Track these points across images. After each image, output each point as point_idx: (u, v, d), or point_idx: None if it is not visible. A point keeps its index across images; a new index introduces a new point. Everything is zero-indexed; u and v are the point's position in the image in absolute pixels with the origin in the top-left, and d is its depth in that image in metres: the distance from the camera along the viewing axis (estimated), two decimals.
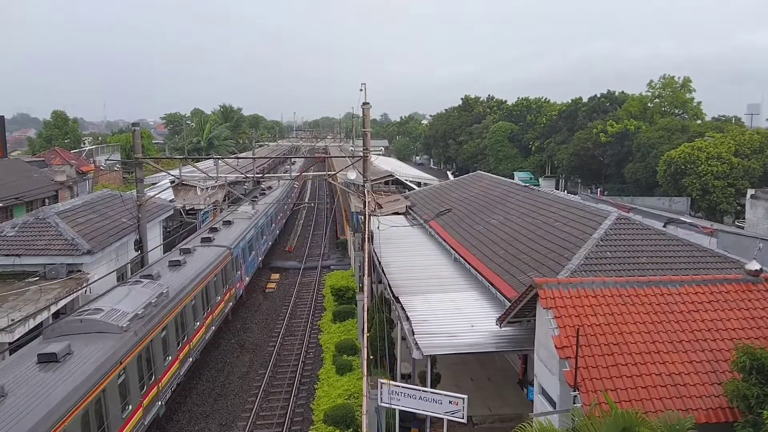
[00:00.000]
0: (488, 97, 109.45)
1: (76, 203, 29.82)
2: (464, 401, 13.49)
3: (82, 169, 57.40)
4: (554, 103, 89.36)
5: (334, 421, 18.15)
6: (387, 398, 14.03)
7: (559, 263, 17.64)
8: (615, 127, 64.49)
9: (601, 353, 11.87)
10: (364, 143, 24.89)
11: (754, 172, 48.35)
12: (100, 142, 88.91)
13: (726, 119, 72.99)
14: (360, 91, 24.05)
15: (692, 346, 12.22)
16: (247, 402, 21.29)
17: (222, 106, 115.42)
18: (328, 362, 23.51)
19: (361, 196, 27.18)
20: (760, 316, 13.01)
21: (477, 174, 39.32)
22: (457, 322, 17.39)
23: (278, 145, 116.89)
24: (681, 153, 49.58)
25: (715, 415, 11.00)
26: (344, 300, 29.99)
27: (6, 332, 17.76)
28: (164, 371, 18.42)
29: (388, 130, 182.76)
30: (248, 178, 39.24)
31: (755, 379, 10.36)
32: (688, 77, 69.09)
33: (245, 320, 29.51)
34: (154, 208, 31.66)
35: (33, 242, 24.29)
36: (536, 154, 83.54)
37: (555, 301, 12.79)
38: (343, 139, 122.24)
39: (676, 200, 49.66)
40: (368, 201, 23.36)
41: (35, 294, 21.30)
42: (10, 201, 38.48)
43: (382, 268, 22.87)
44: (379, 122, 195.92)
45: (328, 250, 45.35)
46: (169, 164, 55.95)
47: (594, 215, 20.25)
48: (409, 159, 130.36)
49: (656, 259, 17.39)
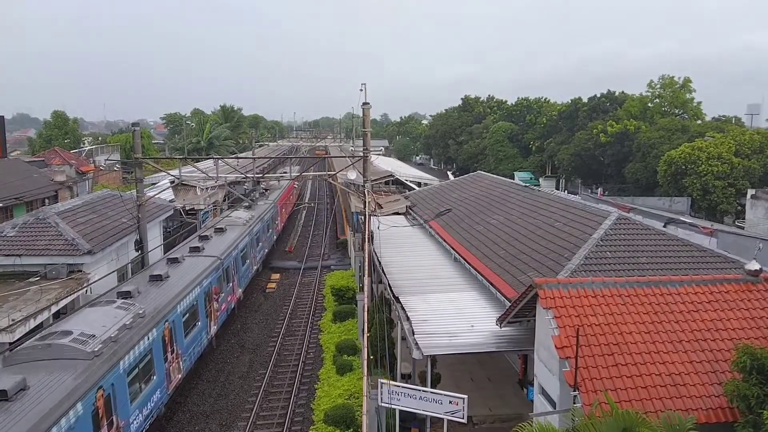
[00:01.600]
0: (488, 97, 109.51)
1: (76, 203, 29.82)
2: (464, 401, 13.51)
3: (81, 169, 57.40)
4: (554, 103, 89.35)
5: (334, 421, 18.16)
6: (387, 398, 14.05)
7: (559, 263, 17.64)
8: (615, 127, 64.51)
9: (601, 353, 11.87)
10: (364, 143, 24.90)
11: (755, 173, 48.37)
12: (100, 142, 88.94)
13: (726, 119, 73.02)
14: (360, 91, 24.10)
15: (692, 346, 12.23)
16: (248, 402, 21.30)
17: (222, 106, 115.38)
18: (328, 362, 23.53)
19: (361, 196, 27.18)
20: (760, 316, 13.01)
21: (477, 174, 39.31)
22: (457, 322, 17.39)
23: (278, 145, 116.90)
24: (681, 153, 49.61)
25: (716, 415, 11.00)
26: (344, 300, 30.00)
27: (7, 332, 17.77)
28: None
29: (388, 130, 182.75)
30: (248, 178, 39.22)
31: (755, 379, 10.37)
32: (688, 77, 69.19)
33: (245, 320, 29.50)
34: (154, 208, 31.67)
35: (33, 242, 24.30)
36: (536, 155, 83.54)
37: (555, 301, 12.79)
38: (343, 140, 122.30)
39: (677, 200, 49.70)
40: (368, 201, 23.36)
41: (36, 294, 21.30)
42: (10, 201, 38.48)
43: (383, 268, 22.87)
44: (379, 122, 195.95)
45: (328, 250, 45.35)
46: (169, 164, 55.96)
47: (594, 215, 20.25)
48: (409, 159, 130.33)
49: (656, 259, 17.40)
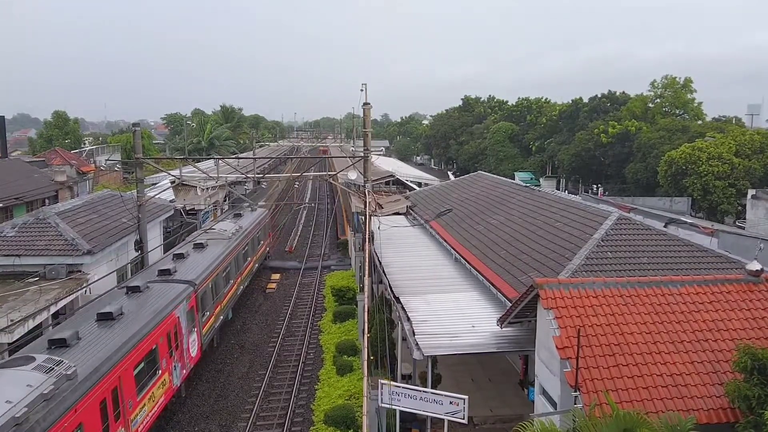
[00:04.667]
0: (489, 97, 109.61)
1: (76, 203, 29.81)
2: (465, 402, 13.48)
3: (82, 169, 57.43)
4: (554, 103, 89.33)
5: (334, 421, 18.12)
6: (387, 399, 14.02)
7: (560, 263, 17.61)
8: (616, 128, 64.50)
9: (602, 353, 11.85)
10: (365, 143, 24.88)
11: (755, 173, 48.31)
12: (101, 142, 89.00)
13: (726, 120, 72.99)
14: (361, 92, 24.08)
15: (693, 347, 12.20)
16: (248, 402, 21.25)
17: (222, 106, 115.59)
18: (328, 363, 23.49)
19: (361, 197, 27.16)
20: (761, 316, 12.99)
21: (478, 174, 39.29)
22: (457, 323, 17.36)
23: (279, 146, 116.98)
24: (682, 153, 49.55)
25: (717, 415, 10.97)
26: (345, 300, 29.96)
27: (6, 333, 17.74)
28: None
29: (389, 130, 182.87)
30: (248, 178, 39.23)
31: (756, 379, 10.34)
32: (689, 78, 69.17)
33: (245, 320, 29.47)
34: (155, 208, 31.66)
35: (33, 242, 24.28)
36: (537, 155, 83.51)
37: (556, 302, 12.77)
38: (344, 140, 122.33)
39: (677, 200, 49.64)
40: (369, 201, 23.34)
41: (35, 294, 21.27)
42: (10, 201, 38.49)
43: (383, 269, 22.84)
44: (379, 122, 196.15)
45: (328, 251, 45.28)
46: (170, 164, 55.94)
47: (595, 215, 20.23)
48: (410, 159, 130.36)
49: (657, 260, 17.37)
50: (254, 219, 34.26)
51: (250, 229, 31.99)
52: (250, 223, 32.58)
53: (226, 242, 27.16)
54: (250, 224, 32.54)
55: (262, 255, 35.55)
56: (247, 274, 30.60)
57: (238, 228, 29.85)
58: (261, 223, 35.39)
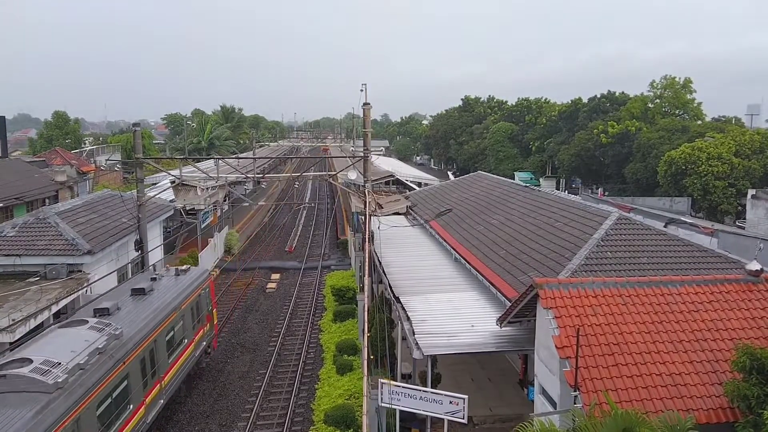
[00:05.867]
0: (489, 97, 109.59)
1: (76, 203, 29.80)
2: (464, 401, 13.50)
3: (82, 169, 57.42)
4: (554, 103, 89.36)
5: (334, 421, 18.16)
6: (387, 398, 14.04)
7: (559, 263, 17.64)
8: (616, 128, 64.51)
9: (602, 353, 11.87)
10: (365, 143, 24.91)
11: (755, 173, 48.34)
12: (101, 142, 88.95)
13: (726, 120, 73.01)
14: (360, 92, 24.12)
15: (693, 346, 12.22)
16: (248, 402, 21.28)
17: (222, 106, 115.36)
18: (328, 362, 23.53)
19: (361, 197, 27.17)
20: (760, 316, 13.01)
21: (477, 174, 39.31)
22: (457, 322, 17.39)
23: (279, 146, 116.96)
24: (681, 153, 49.59)
25: (716, 415, 10.99)
26: (345, 300, 30.01)
27: (7, 332, 17.78)
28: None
29: (389, 130, 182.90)
30: (248, 178, 39.25)
31: (755, 379, 10.36)
32: (689, 78, 69.28)
33: (245, 320, 29.50)
34: (155, 208, 31.67)
35: (33, 242, 24.28)
36: (537, 155, 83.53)
37: (555, 301, 12.79)
38: (344, 140, 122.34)
39: (677, 200, 49.70)
40: (369, 201, 23.36)
41: (36, 294, 21.29)
42: (10, 201, 38.50)
43: (383, 268, 22.87)
44: (379, 123, 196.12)
45: (328, 251, 45.32)
46: (170, 164, 55.96)
47: (595, 215, 20.25)
48: (410, 159, 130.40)
49: (657, 260, 17.40)
50: (170, 300, 18.66)
51: (145, 342, 16.41)
52: (150, 322, 16.95)
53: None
54: (151, 323, 16.99)
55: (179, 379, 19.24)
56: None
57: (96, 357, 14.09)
58: (186, 304, 19.69)
